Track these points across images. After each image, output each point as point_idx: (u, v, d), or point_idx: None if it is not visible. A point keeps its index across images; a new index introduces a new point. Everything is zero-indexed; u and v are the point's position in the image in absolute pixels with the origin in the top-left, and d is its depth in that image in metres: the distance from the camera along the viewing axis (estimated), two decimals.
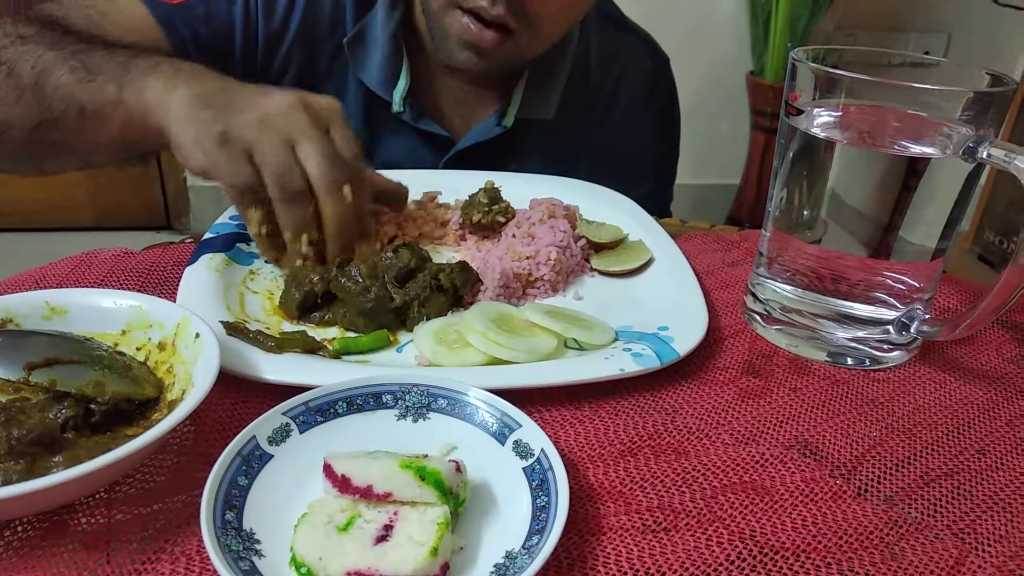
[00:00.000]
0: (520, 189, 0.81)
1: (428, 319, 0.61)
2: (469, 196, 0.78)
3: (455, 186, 0.84)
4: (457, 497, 0.41)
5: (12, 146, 0.73)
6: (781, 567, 0.41)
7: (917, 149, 0.57)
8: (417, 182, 0.86)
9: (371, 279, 0.61)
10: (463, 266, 0.65)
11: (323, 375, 0.51)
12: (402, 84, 0.93)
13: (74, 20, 0.80)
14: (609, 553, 0.41)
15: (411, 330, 0.61)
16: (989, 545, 0.44)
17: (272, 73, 0.94)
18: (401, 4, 0.93)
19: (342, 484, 0.40)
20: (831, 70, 0.55)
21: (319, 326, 0.62)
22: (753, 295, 0.66)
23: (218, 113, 0.63)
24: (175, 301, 0.58)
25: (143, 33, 0.84)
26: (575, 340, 0.59)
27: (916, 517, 0.45)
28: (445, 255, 0.75)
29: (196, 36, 0.87)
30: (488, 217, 0.76)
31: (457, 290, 0.64)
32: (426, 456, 0.42)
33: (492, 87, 0.98)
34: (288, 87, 0.68)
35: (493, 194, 0.78)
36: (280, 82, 0.94)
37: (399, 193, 0.77)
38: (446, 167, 0.97)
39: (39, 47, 0.71)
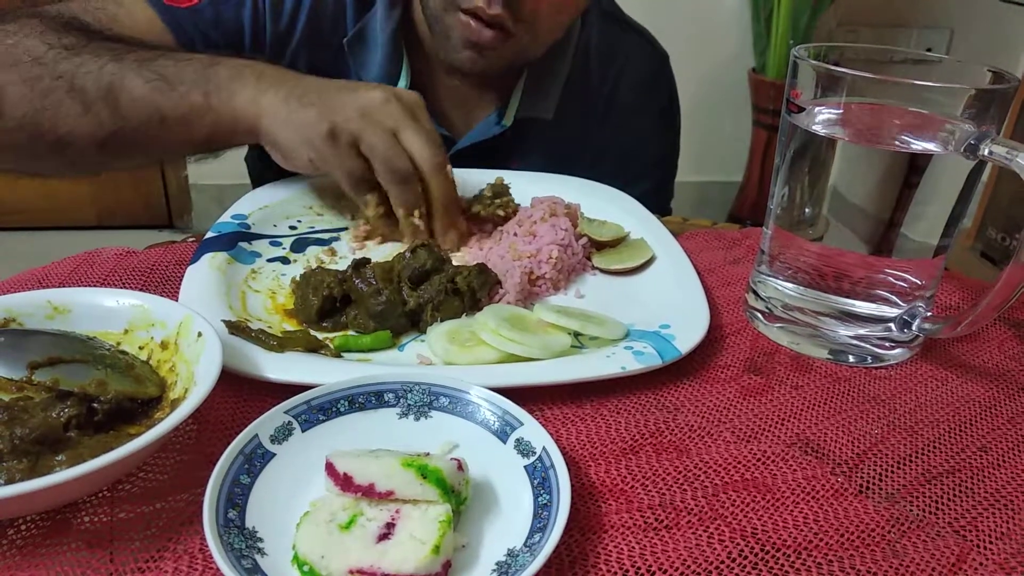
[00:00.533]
0: (521, 187, 0.82)
1: (442, 322, 0.60)
2: (480, 191, 0.79)
3: (460, 184, 0.84)
4: (459, 495, 0.41)
5: (76, 156, 0.75)
6: (783, 564, 0.41)
7: (919, 146, 0.57)
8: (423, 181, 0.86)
9: (384, 282, 0.61)
10: (481, 268, 0.64)
11: (325, 374, 0.51)
12: (402, 83, 0.93)
13: (87, 22, 0.81)
14: (611, 551, 0.41)
15: (424, 332, 0.61)
16: (991, 542, 0.44)
17: None
18: (400, 4, 0.93)
19: (344, 482, 0.40)
20: (832, 67, 0.55)
21: (334, 330, 0.61)
22: (755, 293, 0.66)
23: (319, 112, 0.68)
24: (177, 300, 0.58)
25: (151, 36, 0.84)
26: (576, 338, 0.59)
27: (917, 514, 0.45)
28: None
29: (206, 39, 0.88)
30: (488, 210, 0.77)
31: (475, 293, 0.63)
32: (428, 454, 0.42)
33: (492, 87, 0.98)
34: None
35: (499, 189, 0.79)
36: None
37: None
38: None
39: (97, 58, 0.73)
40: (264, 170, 1.04)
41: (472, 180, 0.83)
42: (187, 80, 0.71)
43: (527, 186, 0.83)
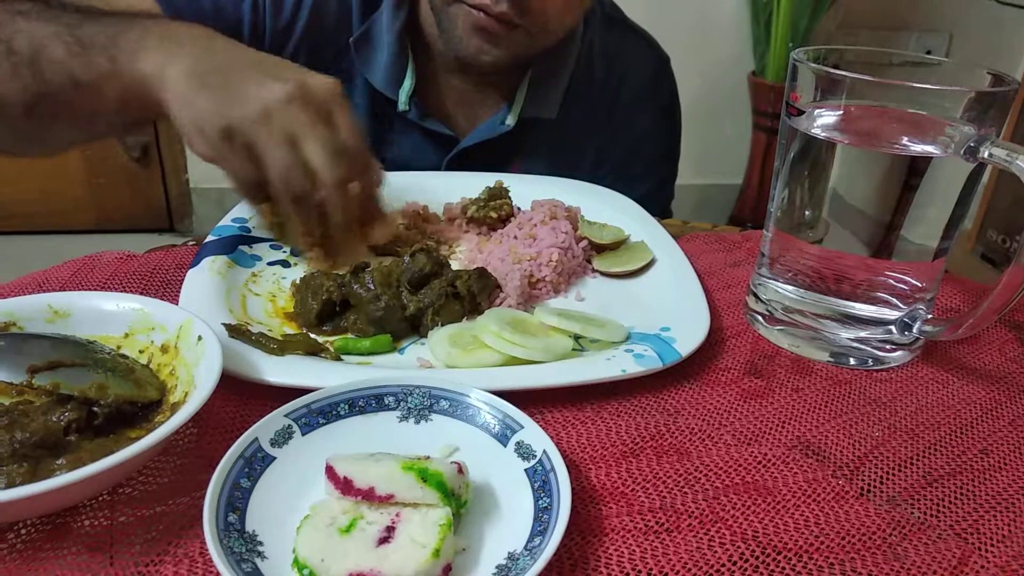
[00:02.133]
0: (522, 190, 0.82)
1: (442, 326, 0.60)
2: (478, 195, 0.80)
3: (460, 187, 0.85)
4: (459, 499, 0.41)
5: (12, 122, 0.73)
6: (784, 568, 0.41)
7: (919, 149, 0.57)
8: (422, 183, 0.86)
9: (383, 287, 0.61)
10: (481, 272, 0.64)
11: (325, 377, 0.51)
12: (408, 83, 0.94)
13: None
14: (611, 554, 0.41)
15: (424, 336, 0.61)
16: (992, 545, 0.44)
17: None
18: (407, 4, 0.93)
19: (344, 486, 0.40)
20: (832, 70, 0.55)
21: (334, 334, 0.61)
22: (755, 295, 0.66)
23: (218, 101, 0.63)
24: (178, 304, 0.58)
25: None
26: (577, 341, 0.59)
27: (919, 517, 0.45)
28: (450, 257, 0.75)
29: None
30: (482, 212, 0.77)
31: (475, 297, 0.63)
32: (428, 458, 0.42)
33: (496, 87, 0.99)
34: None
35: (496, 192, 0.79)
36: None
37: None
38: (449, 165, 0.98)
39: (36, 22, 0.71)
40: None
41: (473, 184, 0.83)
42: (98, 44, 0.68)
43: (527, 189, 0.83)
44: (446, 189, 0.85)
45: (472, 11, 0.83)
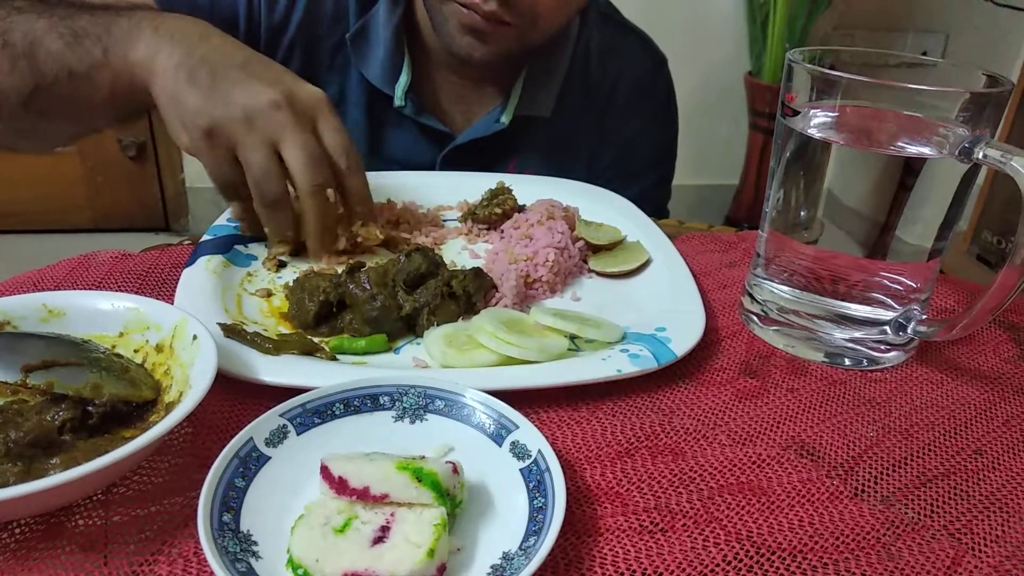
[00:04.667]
0: (519, 190, 0.82)
1: (438, 326, 0.60)
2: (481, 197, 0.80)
3: (455, 186, 0.85)
4: (454, 498, 0.41)
5: (9, 115, 0.74)
6: (778, 568, 0.41)
7: (913, 149, 0.57)
8: (418, 181, 0.86)
9: (379, 287, 0.61)
10: (477, 272, 0.64)
11: (320, 377, 0.51)
12: (404, 79, 0.94)
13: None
14: (606, 554, 0.41)
15: (420, 336, 0.61)
16: (986, 545, 0.44)
17: None
18: (403, 0, 0.93)
19: (339, 486, 0.40)
20: (827, 71, 0.56)
21: (330, 334, 0.61)
22: (750, 296, 0.66)
23: (204, 99, 0.64)
24: (173, 303, 0.58)
25: None
26: (573, 341, 0.59)
27: (913, 517, 0.45)
28: (446, 257, 0.75)
29: None
30: (486, 211, 0.77)
31: (470, 297, 0.63)
32: (423, 457, 0.42)
33: (492, 84, 0.99)
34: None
35: (498, 192, 0.79)
36: None
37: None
38: (444, 161, 0.98)
39: (36, 16, 0.72)
40: None
41: (470, 184, 0.83)
42: (91, 34, 0.69)
43: (524, 189, 0.83)
44: (442, 189, 0.85)
45: (462, 9, 0.83)
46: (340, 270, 0.64)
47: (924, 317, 0.60)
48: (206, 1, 0.89)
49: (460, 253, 0.76)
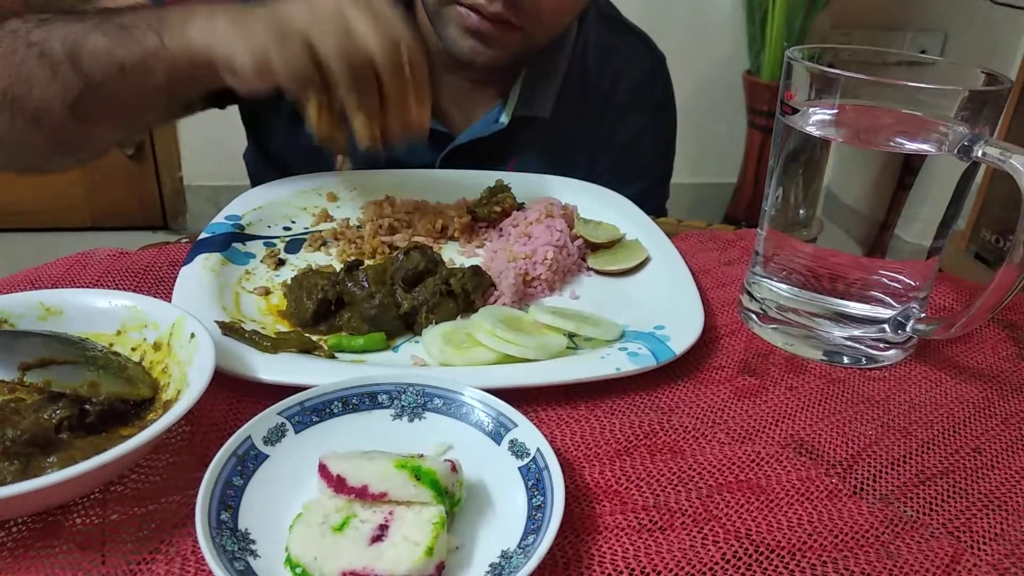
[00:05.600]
0: (518, 189, 0.82)
1: (437, 324, 0.60)
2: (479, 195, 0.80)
3: (455, 185, 0.85)
4: (453, 497, 0.41)
5: (53, 126, 0.73)
6: (777, 566, 0.41)
7: (913, 147, 0.57)
8: (418, 181, 0.86)
9: (377, 284, 0.61)
10: (475, 270, 0.64)
11: (319, 375, 0.51)
12: None
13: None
14: (605, 552, 0.41)
15: (419, 334, 0.61)
16: (984, 543, 0.44)
17: None
18: (402, 1, 0.93)
19: (337, 484, 0.40)
20: (826, 69, 0.55)
21: (328, 332, 0.61)
22: (749, 294, 0.66)
23: (267, 19, 0.65)
24: (171, 301, 0.58)
25: None
26: (572, 339, 0.59)
27: (912, 515, 0.45)
28: (445, 256, 0.74)
29: None
30: (486, 209, 0.77)
31: (469, 295, 0.63)
32: (422, 456, 0.42)
33: (492, 84, 0.98)
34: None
35: (497, 189, 0.79)
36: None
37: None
38: (444, 162, 0.98)
39: (66, 24, 0.72)
40: (263, 168, 1.04)
41: (469, 182, 0.83)
42: (141, 25, 0.70)
43: (523, 188, 0.83)
44: (442, 188, 0.85)
45: (465, 12, 0.83)
46: (338, 268, 0.64)
47: (923, 315, 0.60)
48: None
49: (459, 251, 0.76)
